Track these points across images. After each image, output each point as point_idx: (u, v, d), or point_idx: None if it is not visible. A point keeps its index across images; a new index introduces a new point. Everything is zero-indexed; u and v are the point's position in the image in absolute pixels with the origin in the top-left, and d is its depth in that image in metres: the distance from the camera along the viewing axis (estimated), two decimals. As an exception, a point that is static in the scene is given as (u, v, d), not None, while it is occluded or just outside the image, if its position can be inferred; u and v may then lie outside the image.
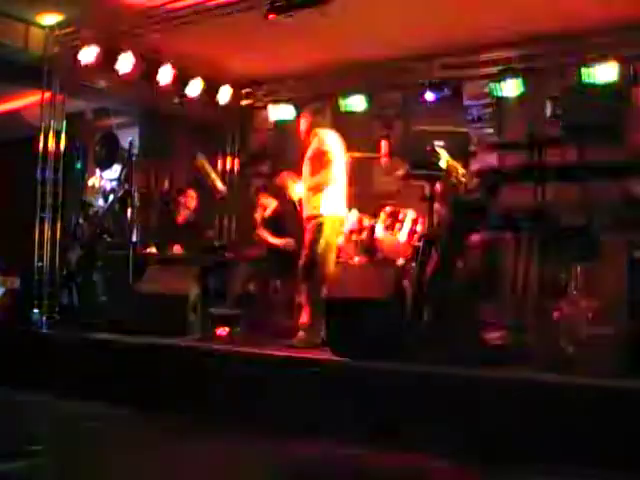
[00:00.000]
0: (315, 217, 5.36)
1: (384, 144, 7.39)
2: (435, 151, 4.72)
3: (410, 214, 5.90)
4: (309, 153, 5.48)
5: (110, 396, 5.13)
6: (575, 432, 3.55)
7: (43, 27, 7.02)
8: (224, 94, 8.48)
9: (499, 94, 7.09)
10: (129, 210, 6.25)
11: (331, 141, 5.44)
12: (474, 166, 5.76)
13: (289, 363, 4.68)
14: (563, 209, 5.07)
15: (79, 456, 3.94)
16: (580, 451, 3.52)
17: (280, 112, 8.45)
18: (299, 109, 8.07)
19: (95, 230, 7.04)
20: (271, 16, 5.68)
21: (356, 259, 6.03)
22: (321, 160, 5.34)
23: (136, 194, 6.33)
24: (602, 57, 6.51)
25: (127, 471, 3.67)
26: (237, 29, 6.54)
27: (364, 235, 6.01)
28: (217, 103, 8.57)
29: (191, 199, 7.41)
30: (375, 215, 6.21)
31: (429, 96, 7.42)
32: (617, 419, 3.50)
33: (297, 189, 6.54)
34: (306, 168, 5.51)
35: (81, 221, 7.31)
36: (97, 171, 7.33)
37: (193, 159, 6.22)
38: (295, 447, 4.11)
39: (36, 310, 6.60)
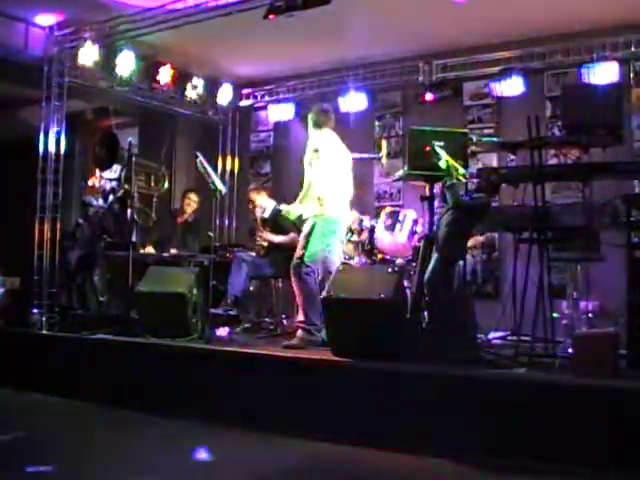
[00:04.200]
0: (310, 217, 5.36)
1: (384, 144, 7.40)
2: (435, 151, 4.71)
3: (410, 214, 5.90)
4: (306, 154, 5.48)
5: (110, 396, 5.13)
6: (574, 432, 3.56)
7: (43, 27, 7.02)
8: (224, 94, 8.50)
9: (499, 94, 7.10)
10: (129, 210, 6.24)
11: (324, 140, 5.42)
12: (474, 166, 5.77)
13: (289, 363, 4.68)
14: (563, 209, 5.07)
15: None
16: (579, 451, 3.52)
17: (280, 112, 8.45)
18: (299, 109, 8.10)
19: (95, 230, 7.03)
20: (271, 16, 5.68)
21: (356, 259, 6.03)
22: (313, 159, 5.34)
23: (136, 194, 6.32)
24: (602, 57, 6.53)
25: (126, 472, 3.68)
26: (237, 29, 6.54)
27: (364, 235, 6.00)
28: (217, 103, 8.60)
29: (192, 203, 7.42)
30: (375, 215, 6.22)
31: (429, 96, 7.42)
32: (617, 419, 3.50)
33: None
34: (304, 170, 5.52)
35: (81, 221, 7.31)
36: (97, 171, 7.32)
37: (193, 159, 6.22)
38: (295, 447, 4.11)
39: (36, 310, 6.60)
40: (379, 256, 5.93)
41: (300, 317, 5.29)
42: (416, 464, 3.79)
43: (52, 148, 6.97)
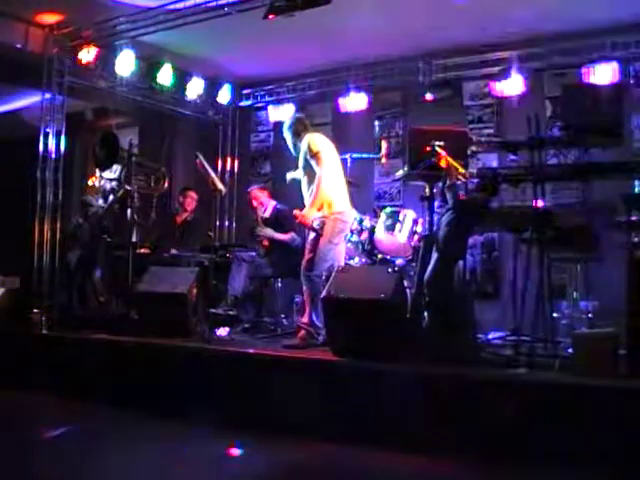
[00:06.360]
0: (318, 218, 5.38)
1: (384, 144, 7.40)
2: (435, 151, 4.71)
3: (410, 214, 5.89)
4: (301, 160, 5.50)
5: (110, 396, 5.13)
6: (574, 432, 3.56)
7: (43, 27, 7.02)
8: (224, 94, 8.50)
9: (499, 94, 7.10)
10: (129, 210, 6.24)
11: (320, 141, 5.44)
12: (474, 166, 5.77)
13: (289, 363, 4.68)
14: (563, 209, 5.07)
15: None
16: (579, 451, 3.52)
17: (280, 112, 8.45)
18: (299, 109, 8.10)
19: (95, 230, 7.03)
20: (271, 16, 5.68)
21: (356, 259, 6.03)
22: (313, 162, 5.36)
23: (136, 194, 6.32)
24: (602, 57, 6.52)
25: (126, 471, 3.68)
26: (237, 29, 6.54)
27: (364, 235, 6.00)
28: (217, 103, 8.60)
29: (191, 200, 7.41)
30: (375, 215, 6.21)
31: (429, 96, 7.42)
32: (617, 419, 3.50)
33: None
34: (303, 174, 5.54)
35: (81, 221, 7.31)
36: (97, 171, 7.32)
37: (193, 159, 6.22)
38: (295, 447, 4.11)
39: (36, 310, 6.60)
40: (379, 256, 5.93)
41: (304, 319, 5.29)
42: (416, 464, 3.78)
43: (52, 148, 6.97)
